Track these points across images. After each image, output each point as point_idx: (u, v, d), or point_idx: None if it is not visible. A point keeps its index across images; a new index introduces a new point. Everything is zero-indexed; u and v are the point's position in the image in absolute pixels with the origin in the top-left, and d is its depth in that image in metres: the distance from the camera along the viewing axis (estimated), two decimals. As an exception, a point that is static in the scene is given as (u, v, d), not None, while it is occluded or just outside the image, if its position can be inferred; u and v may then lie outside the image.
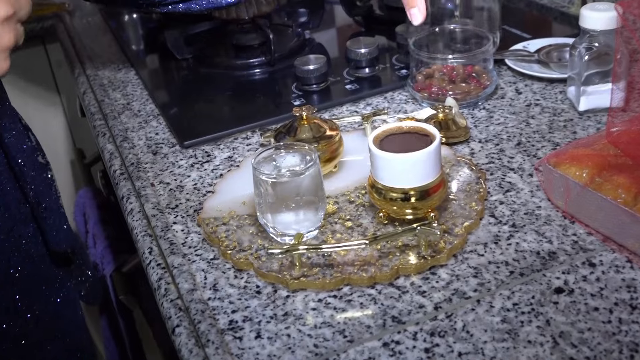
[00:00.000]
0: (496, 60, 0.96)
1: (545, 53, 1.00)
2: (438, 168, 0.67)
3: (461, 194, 0.73)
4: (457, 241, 0.66)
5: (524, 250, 0.66)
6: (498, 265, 0.64)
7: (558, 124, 0.86)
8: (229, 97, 1.05)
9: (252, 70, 1.11)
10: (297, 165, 0.69)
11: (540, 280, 0.62)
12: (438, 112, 0.83)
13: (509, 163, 0.79)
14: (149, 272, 0.70)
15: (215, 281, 0.66)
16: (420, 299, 0.62)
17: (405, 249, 0.66)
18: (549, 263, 0.64)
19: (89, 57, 1.28)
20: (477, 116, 0.90)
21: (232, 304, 0.64)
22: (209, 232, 0.72)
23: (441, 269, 0.65)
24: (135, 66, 1.20)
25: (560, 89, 0.94)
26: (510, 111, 0.90)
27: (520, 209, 0.71)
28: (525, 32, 1.12)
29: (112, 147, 0.95)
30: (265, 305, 0.63)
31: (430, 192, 0.67)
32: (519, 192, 0.74)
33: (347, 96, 0.99)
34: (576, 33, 1.08)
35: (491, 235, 0.68)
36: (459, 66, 0.92)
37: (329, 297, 0.63)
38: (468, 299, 0.61)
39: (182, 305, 0.64)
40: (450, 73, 0.92)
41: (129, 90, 1.12)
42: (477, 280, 0.63)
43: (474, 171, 0.77)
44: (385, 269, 0.64)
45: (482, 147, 0.83)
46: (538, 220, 0.70)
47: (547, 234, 0.67)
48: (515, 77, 0.99)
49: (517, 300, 0.60)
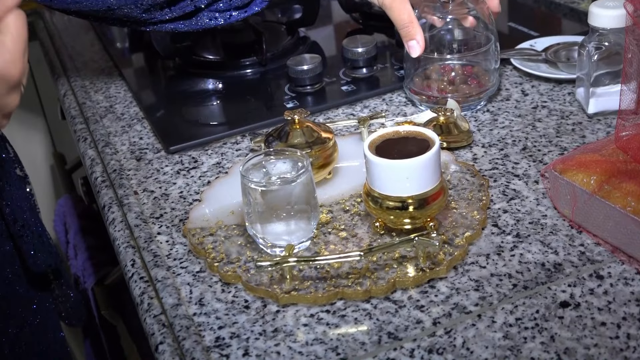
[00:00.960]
0: (501, 60, 0.97)
1: (553, 52, 1.01)
2: (437, 175, 0.68)
3: (462, 203, 0.74)
4: (457, 252, 0.67)
5: (528, 261, 0.66)
6: (501, 277, 0.65)
7: (566, 128, 0.86)
8: (218, 99, 1.05)
9: (243, 70, 1.12)
10: (288, 172, 0.70)
11: (545, 293, 0.63)
12: (439, 115, 0.84)
13: (514, 169, 0.80)
14: (131, 286, 0.71)
15: (201, 295, 0.67)
16: (418, 314, 0.62)
17: (403, 261, 0.67)
18: (554, 275, 0.65)
19: (69, 57, 1.29)
20: (480, 119, 0.91)
21: (218, 319, 0.64)
22: (195, 243, 0.72)
23: (440, 282, 0.65)
24: (119, 66, 1.21)
25: (568, 90, 0.95)
26: (516, 114, 0.91)
27: (524, 218, 0.72)
28: (532, 29, 1.13)
29: (94, 152, 0.95)
30: (254, 320, 0.63)
31: (429, 201, 0.68)
32: (524, 200, 0.75)
33: (343, 98, 0.99)
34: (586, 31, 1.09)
35: (494, 246, 0.69)
36: (458, 67, 0.93)
37: (322, 312, 0.64)
38: (468, 313, 0.62)
39: (166, 321, 0.65)
40: (448, 74, 0.93)
41: (112, 92, 1.12)
42: (478, 293, 0.63)
43: (476, 178, 0.77)
44: (381, 282, 0.65)
45: (485, 152, 0.84)
46: (543, 230, 0.70)
47: (553, 245, 0.68)
48: (521, 78, 1.00)
49: (520, 315, 0.61)
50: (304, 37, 1.20)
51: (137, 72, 1.21)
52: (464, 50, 0.93)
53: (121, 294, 1.12)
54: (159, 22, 0.88)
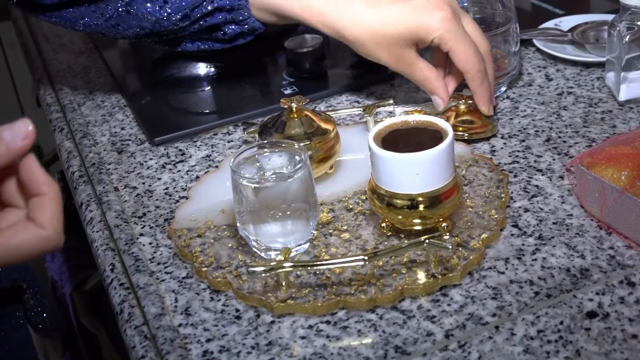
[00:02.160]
0: (522, 41, 0.96)
1: (581, 32, 1.00)
2: (451, 170, 0.67)
3: (479, 200, 0.73)
4: (473, 256, 0.66)
5: (552, 267, 0.65)
6: (521, 285, 0.64)
7: (594, 117, 0.85)
8: (208, 84, 1.05)
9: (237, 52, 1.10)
10: (284, 166, 0.69)
11: (570, 302, 0.62)
12: (459, 103, 0.83)
13: (536, 163, 0.79)
14: (111, 293, 0.70)
15: (187, 304, 0.66)
16: (428, 325, 0.61)
17: (412, 266, 0.66)
18: (580, 282, 0.64)
19: (45, 38, 1.28)
20: (499, 107, 0.90)
21: (207, 331, 0.63)
22: (181, 245, 0.71)
23: (454, 289, 0.64)
24: (100, 49, 1.20)
25: (597, 74, 0.94)
26: (539, 101, 0.90)
27: (548, 217, 0.71)
28: (557, 7, 1.12)
29: (71, 144, 0.94)
30: (246, 332, 0.63)
31: (442, 199, 0.67)
32: (547, 198, 0.74)
33: (347, 83, 0.99)
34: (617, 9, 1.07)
35: (514, 250, 0.68)
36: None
37: (321, 323, 0.63)
38: (485, 325, 0.61)
39: (148, 332, 0.64)
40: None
41: (92, 77, 1.12)
42: (496, 302, 0.63)
43: (494, 173, 0.76)
44: (387, 289, 0.64)
45: (504, 143, 0.83)
46: (569, 231, 0.69)
47: (579, 248, 0.67)
48: (545, 61, 0.99)
49: (542, 327, 0.60)
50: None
51: (119, 55, 1.20)
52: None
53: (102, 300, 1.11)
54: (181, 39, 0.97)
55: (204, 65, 1.09)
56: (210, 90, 1.04)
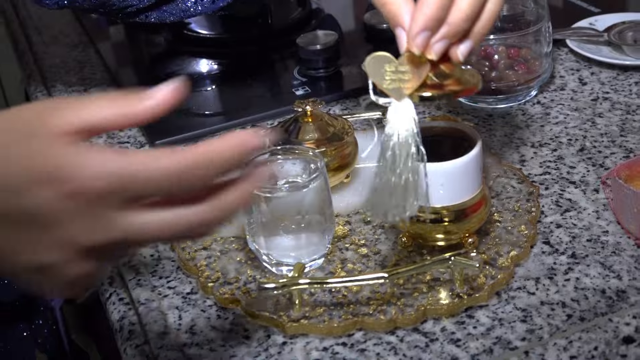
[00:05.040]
0: (555, 41, 0.96)
1: (618, 33, 1.01)
2: (478, 181, 0.68)
3: (507, 215, 0.73)
4: (501, 275, 0.67)
5: (586, 287, 0.66)
6: (553, 307, 0.65)
7: (632, 125, 0.86)
8: (213, 83, 1.05)
9: (244, 48, 1.11)
10: (298, 175, 0.70)
11: (606, 326, 0.62)
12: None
13: (569, 175, 0.80)
14: (109, 309, 0.71)
15: (192, 322, 0.67)
16: (452, 349, 0.62)
17: (435, 285, 0.67)
18: (616, 305, 0.64)
19: (36, 30, 1.29)
20: (529, 112, 0.90)
21: (213, 351, 0.64)
22: (185, 258, 0.72)
23: (480, 310, 0.65)
24: (95, 41, 1.21)
25: (635, 79, 0.95)
26: (572, 107, 0.90)
27: (582, 234, 0.72)
28: (592, 4, 1.13)
29: (65, 146, 0.95)
30: (256, 354, 0.63)
31: (468, 212, 0.67)
32: (581, 213, 0.74)
33: (363, 84, 0.99)
34: (658, 7, 1.08)
35: (545, 268, 0.69)
36: (502, 49, 0.92)
37: (337, 345, 0.63)
38: (514, 350, 0.61)
39: (150, 352, 0.65)
40: (491, 58, 0.92)
41: (87, 72, 1.13)
42: (525, 325, 0.63)
43: (524, 185, 0.77)
44: (409, 310, 0.64)
45: (535, 152, 0.83)
46: (604, 249, 0.70)
47: (615, 268, 0.68)
48: (578, 63, 0.99)
49: (575, 352, 0.61)
50: (317, 10, 1.20)
51: (116, 49, 1.21)
52: (509, 29, 0.93)
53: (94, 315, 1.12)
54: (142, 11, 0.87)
55: (208, 62, 1.10)
56: (214, 89, 1.04)
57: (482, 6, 0.62)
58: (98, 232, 0.47)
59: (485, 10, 0.63)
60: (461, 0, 0.61)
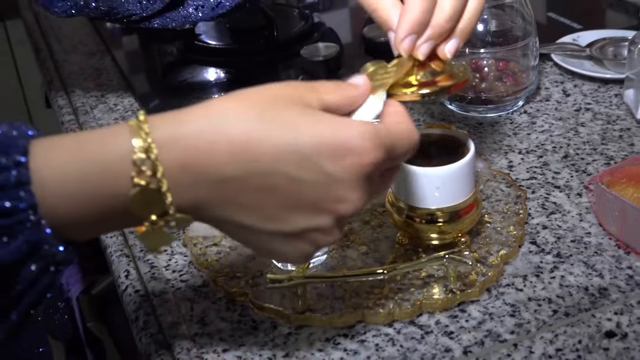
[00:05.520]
0: (540, 55, 0.96)
1: (599, 48, 1.00)
2: (471, 185, 0.67)
3: (497, 216, 0.73)
4: (491, 273, 0.67)
5: (570, 285, 0.66)
6: (539, 302, 0.64)
7: (612, 134, 0.86)
8: (222, 91, 1.05)
9: (251, 58, 1.11)
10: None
11: (589, 321, 0.62)
12: None
13: (554, 179, 0.79)
14: (125, 300, 0.71)
15: (203, 313, 0.67)
16: (446, 341, 0.62)
17: (430, 281, 0.66)
18: (599, 301, 0.64)
19: (56, 38, 1.28)
20: (516, 121, 0.90)
21: (223, 341, 0.64)
22: (197, 254, 0.72)
23: (472, 305, 0.65)
24: (112, 50, 1.20)
25: (615, 91, 0.94)
26: (557, 117, 0.90)
27: (566, 235, 0.72)
28: (574, 21, 1.12)
29: (84, 147, 0.95)
30: (263, 343, 0.63)
31: (461, 214, 0.67)
32: (566, 215, 0.74)
33: (362, 93, 0.99)
34: (634, 24, 1.08)
35: (532, 267, 0.68)
36: (492, 62, 0.92)
37: (339, 336, 0.63)
38: (503, 342, 0.61)
39: (163, 341, 0.65)
40: (481, 70, 0.92)
41: (104, 79, 1.12)
42: (514, 320, 0.63)
43: (512, 188, 0.77)
44: (405, 304, 0.64)
45: (522, 159, 0.83)
46: (587, 249, 0.70)
47: (598, 267, 0.68)
48: (562, 76, 0.99)
49: (560, 345, 0.60)
50: (319, 23, 1.19)
51: (131, 57, 1.21)
52: (499, 43, 0.92)
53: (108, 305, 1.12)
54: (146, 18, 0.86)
55: (216, 71, 1.09)
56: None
57: (464, 5, 0.62)
58: (367, 197, 0.50)
59: (467, 8, 0.62)
60: (443, 2, 0.60)
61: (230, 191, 0.47)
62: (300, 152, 0.47)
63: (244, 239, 0.51)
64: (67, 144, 0.46)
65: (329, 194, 0.48)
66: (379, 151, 0.49)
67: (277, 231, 0.49)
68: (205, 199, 0.47)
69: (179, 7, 0.84)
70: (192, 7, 0.84)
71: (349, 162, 0.48)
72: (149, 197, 0.45)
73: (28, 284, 0.44)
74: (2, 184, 0.42)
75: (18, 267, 0.43)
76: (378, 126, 0.50)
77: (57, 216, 0.44)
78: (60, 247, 0.44)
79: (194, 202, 0.47)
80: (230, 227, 0.49)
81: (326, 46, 1.02)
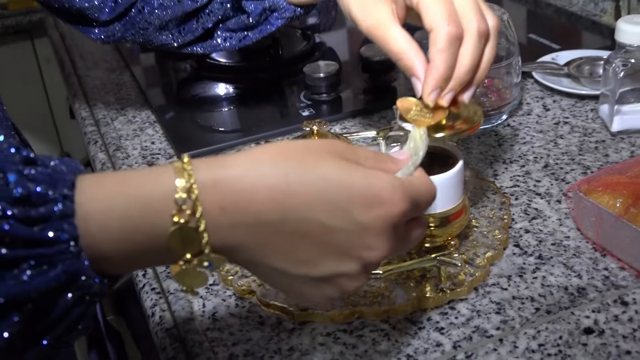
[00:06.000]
0: (523, 73, 0.96)
1: (576, 67, 1.00)
2: (460, 193, 0.67)
3: (483, 221, 0.73)
4: (478, 273, 0.66)
5: (551, 285, 0.66)
6: (523, 301, 0.64)
7: (589, 146, 0.85)
8: (231, 104, 1.05)
9: (258, 75, 1.11)
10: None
11: (569, 319, 0.62)
12: None
13: (536, 187, 0.79)
14: (143, 297, 0.70)
15: (214, 310, 0.66)
16: (437, 336, 0.61)
17: (422, 281, 0.66)
18: (577, 300, 0.64)
19: (80, 55, 1.28)
20: (501, 134, 0.90)
21: (232, 335, 0.63)
22: (208, 254, 0.71)
23: (461, 303, 0.64)
24: (130, 67, 1.20)
25: (591, 106, 0.94)
26: (537, 129, 0.90)
27: (547, 239, 0.71)
28: (553, 42, 1.12)
29: (104, 156, 0.94)
30: (269, 338, 0.63)
31: (451, 219, 0.67)
32: (546, 220, 0.74)
33: (359, 107, 0.99)
34: (608, 45, 1.08)
35: (516, 268, 0.68)
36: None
37: (338, 331, 0.63)
38: (490, 337, 0.61)
39: (177, 335, 0.64)
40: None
41: (123, 93, 1.12)
42: (500, 317, 0.63)
43: (497, 195, 0.76)
44: (400, 301, 0.64)
45: (506, 168, 0.83)
46: (566, 252, 0.69)
47: (576, 268, 0.67)
48: (542, 92, 0.99)
49: (543, 341, 0.60)
50: (320, 43, 1.19)
51: (148, 73, 1.20)
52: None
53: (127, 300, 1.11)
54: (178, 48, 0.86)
55: (226, 87, 1.09)
56: (232, 110, 1.04)
57: (481, 57, 0.62)
58: (394, 247, 0.49)
59: (483, 60, 0.62)
60: (463, 57, 0.61)
61: (266, 235, 0.46)
62: (334, 201, 0.46)
63: (274, 281, 0.50)
64: (112, 181, 0.45)
65: (359, 241, 0.47)
66: (406, 203, 0.48)
67: (307, 275, 0.48)
68: (241, 241, 0.46)
69: (209, 39, 0.84)
70: (220, 38, 0.84)
71: (378, 213, 0.47)
72: (186, 235, 0.44)
73: (63, 312, 0.43)
74: (47, 215, 0.41)
75: (55, 296, 0.43)
76: (404, 180, 0.50)
77: (97, 249, 0.43)
78: (96, 279, 0.43)
79: (230, 243, 0.46)
80: (263, 269, 0.48)
81: (326, 64, 1.02)
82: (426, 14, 0.61)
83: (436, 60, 0.60)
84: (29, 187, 0.41)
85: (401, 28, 0.63)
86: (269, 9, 0.80)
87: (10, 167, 0.41)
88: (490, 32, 0.63)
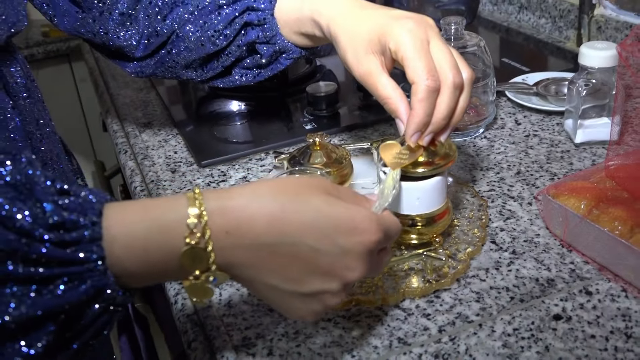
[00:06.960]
0: (497, 92, 0.95)
1: (544, 86, 0.99)
2: (444, 196, 0.66)
3: (464, 221, 0.72)
4: (460, 266, 0.65)
5: (524, 276, 0.65)
6: (499, 290, 0.63)
7: (555, 155, 0.85)
8: (244, 119, 1.04)
9: (267, 94, 1.10)
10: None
11: (540, 306, 0.61)
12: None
13: (509, 191, 0.78)
14: (166, 287, 0.69)
15: (229, 298, 0.65)
16: (425, 321, 0.60)
17: (411, 273, 0.65)
18: (547, 290, 0.63)
19: (112, 77, 1.27)
20: (478, 145, 0.89)
21: (245, 320, 0.62)
22: (224, 250, 0.70)
23: (445, 292, 0.64)
24: (156, 87, 1.19)
25: (557, 121, 0.93)
26: (510, 141, 0.89)
27: (520, 236, 0.70)
28: (524, 65, 1.12)
29: (133, 164, 0.94)
30: (277, 322, 0.62)
31: (436, 219, 0.66)
32: (519, 220, 0.73)
33: (355, 122, 0.98)
34: (571, 67, 1.07)
35: (492, 261, 0.67)
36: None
37: (338, 317, 0.62)
38: (470, 322, 0.60)
39: (197, 320, 0.63)
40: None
41: (150, 110, 1.11)
42: (479, 304, 0.62)
43: (475, 198, 0.76)
44: (391, 291, 0.63)
45: (483, 174, 0.82)
46: (537, 247, 0.68)
47: (546, 262, 0.66)
48: (514, 109, 0.98)
49: (517, 326, 0.59)
50: (321, 66, 1.18)
51: (171, 92, 1.20)
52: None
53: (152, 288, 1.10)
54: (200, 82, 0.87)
55: (239, 104, 1.08)
56: (245, 124, 1.03)
57: (456, 105, 0.63)
58: (368, 269, 0.50)
59: (458, 107, 0.63)
60: (440, 106, 0.61)
61: (262, 255, 0.47)
62: (322, 229, 0.47)
63: (266, 296, 0.50)
64: (135, 208, 0.46)
65: (341, 263, 0.48)
66: (380, 233, 0.50)
67: (295, 291, 0.49)
68: (241, 261, 0.47)
69: (227, 75, 0.85)
70: (237, 74, 0.85)
71: (358, 239, 0.48)
72: (196, 254, 0.45)
73: (91, 321, 0.44)
74: (79, 239, 0.42)
75: (84, 307, 0.44)
76: (379, 215, 0.51)
77: (121, 267, 0.44)
78: (119, 292, 0.44)
79: (232, 262, 0.47)
80: (257, 285, 0.49)
81: (326, 84, 1.01)
82: (408, 69, 0.61)
83: (417, 109, 0.60)
84: (63, 215, 0.42)
85: (388, 76, 0.64)
86: (278, 51, 0.81)
87: (47, 198, 0.42)
88: (465, 83, 0.62)
